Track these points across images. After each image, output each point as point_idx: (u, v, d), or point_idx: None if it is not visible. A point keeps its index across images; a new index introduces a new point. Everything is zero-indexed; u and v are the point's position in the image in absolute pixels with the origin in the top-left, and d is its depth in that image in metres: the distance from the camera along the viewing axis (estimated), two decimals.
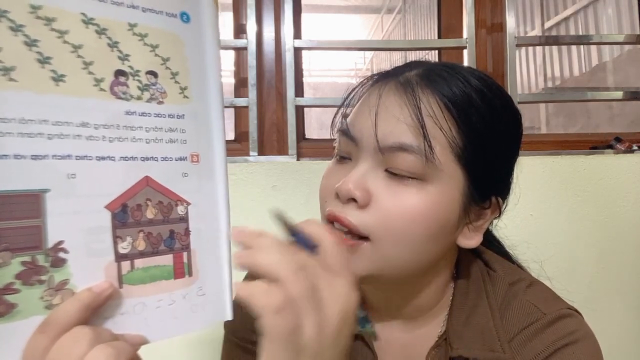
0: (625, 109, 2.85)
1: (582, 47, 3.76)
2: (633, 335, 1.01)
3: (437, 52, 1.19)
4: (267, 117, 1.07)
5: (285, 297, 0.30)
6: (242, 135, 1.08)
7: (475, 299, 0.49)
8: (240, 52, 1.07)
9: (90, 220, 0.32)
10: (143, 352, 0.34)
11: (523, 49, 4.21)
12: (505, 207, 0.49)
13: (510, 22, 1.07)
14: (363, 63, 7.97)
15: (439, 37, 1.17)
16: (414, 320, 0.50)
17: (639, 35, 1.15)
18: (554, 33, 4.06)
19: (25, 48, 0.30)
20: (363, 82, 0.49)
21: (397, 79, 0.44)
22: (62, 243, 0.31)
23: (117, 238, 0.33)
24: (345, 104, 0.49)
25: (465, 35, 1.06)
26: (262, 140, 1.05)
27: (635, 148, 1.04)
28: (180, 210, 0.36)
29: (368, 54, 7.45)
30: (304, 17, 1.13)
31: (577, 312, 0.49)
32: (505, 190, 0.49)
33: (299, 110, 1.08)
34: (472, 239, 0.46)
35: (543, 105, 3.67)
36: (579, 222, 0.99)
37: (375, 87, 0.45)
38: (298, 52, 1.07)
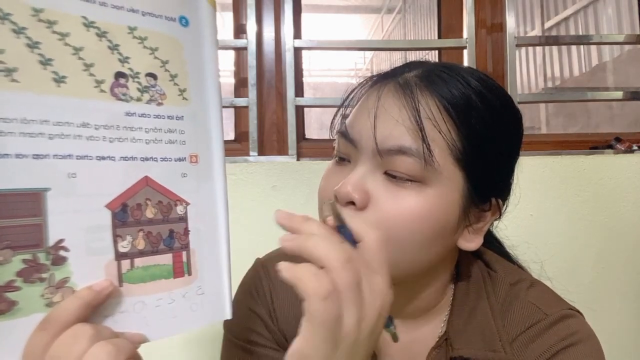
0: (625, 109, 2.85)
1: (582, 47, 3.75)
2: (633, 335, 1.01)
3: (437, 52, 1.19)
4: (267, 117, 1.07)
5: (334, 285, 0.30)
6: (242, 135, 1.08)
7: (476, 299, 0.49)
8: (240, 52, 1.07)
9: (91, 219, 0.32)
10: (143, 351, 0.35)
11: (523, 49, 4.20)
12: (506, 208, 0.48)
13: (510, 22, 1.07)
14: (363, 63, 7.97)
15: (439, 37, 1.17)
16: (415, 321, 0.50)
17: (639, 35, 1.15)
18: (554, 33, 4.06)
19: (27, 50, 0.30)
20: (362, 83, 0.48)
21: (396, 80, 0.44)
22: (62, 241, 0.31)
23: (117, 237, 0.33)
24: (345, 105, 0.48)
25: (465, 35, 1.07)
26: (262, 140, 1.05)
27: (635, 148, 1.04)
28: (180, 210, 0.36)
29: (368, 54, 7.44)
30: (304, 17, 1.14)
31: (578, 312, 0.49)
32: (506, 192, 0.48)
33: (299, 110, 1.08)
34: (472, 242, 0.46)
35: (543, 106, 3.66)
36: (579, 222, 0.99)
37: (375, 88, 0.45)
38: (298, 52, 1.07)
